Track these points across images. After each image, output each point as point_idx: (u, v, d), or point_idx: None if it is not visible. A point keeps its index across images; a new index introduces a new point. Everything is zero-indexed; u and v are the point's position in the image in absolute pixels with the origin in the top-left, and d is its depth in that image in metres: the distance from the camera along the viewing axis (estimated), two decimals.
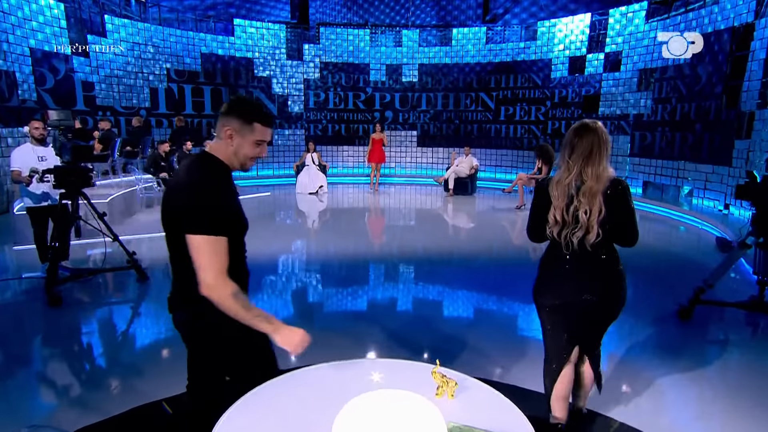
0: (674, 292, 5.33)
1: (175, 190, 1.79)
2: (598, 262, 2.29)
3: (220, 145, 1.85)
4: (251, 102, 1.88)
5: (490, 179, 14.30)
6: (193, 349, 1.92)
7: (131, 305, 4.94)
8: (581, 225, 2.21)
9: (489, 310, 4.92)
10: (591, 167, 2.19)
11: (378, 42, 15.04)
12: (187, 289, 1.75)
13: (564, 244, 2.27)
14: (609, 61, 12.06)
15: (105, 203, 7.57)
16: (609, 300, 2.33)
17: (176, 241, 1.75)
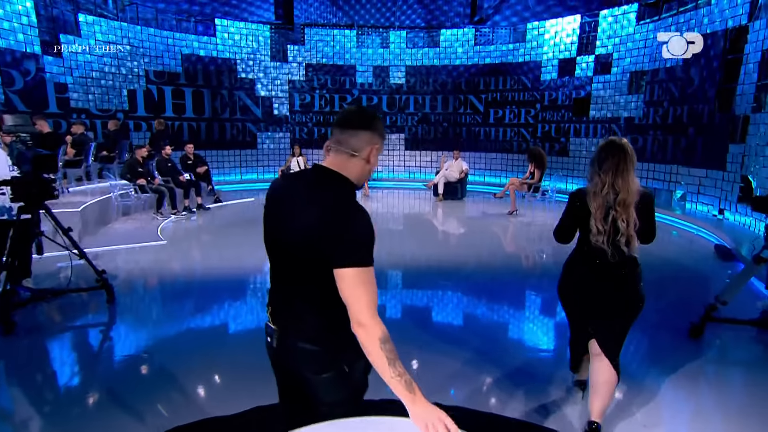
0: (679, 305, 5.10)
1: (315, 217, 1.54)
2: (625, 262, 2.59)
3: (355, 164, 1.62)
4: (378, 115, 1.64)
5: (480, 183, 14.05)
6: (317, 393, 1.67)
7: (99, 330, 4.48)
8: (622, 233, 2.50)
9: (481, 322, 4.60)
10: (621, 180, 2.48)
11: (364, 43, 14.70)
12: (329, 323, 1.60)
13: (602, 248, 2.54)
14: (599, 63, 11.87)
15: (77, 212, 7.11)
16: (632, 298, 2.63)
17: (308, 272, 1.57)
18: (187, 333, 4.33)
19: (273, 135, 14.36)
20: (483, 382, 3.42)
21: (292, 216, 1.58)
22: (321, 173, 1.61)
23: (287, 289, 1.66)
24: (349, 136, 1.59)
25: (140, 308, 5.02)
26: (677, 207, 10.11)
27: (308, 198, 1.58)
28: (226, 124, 13.69)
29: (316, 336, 1.61)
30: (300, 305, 1.62)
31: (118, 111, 11.53)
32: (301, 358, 1.62)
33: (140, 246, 6.84)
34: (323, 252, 1.49)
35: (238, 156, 13.96)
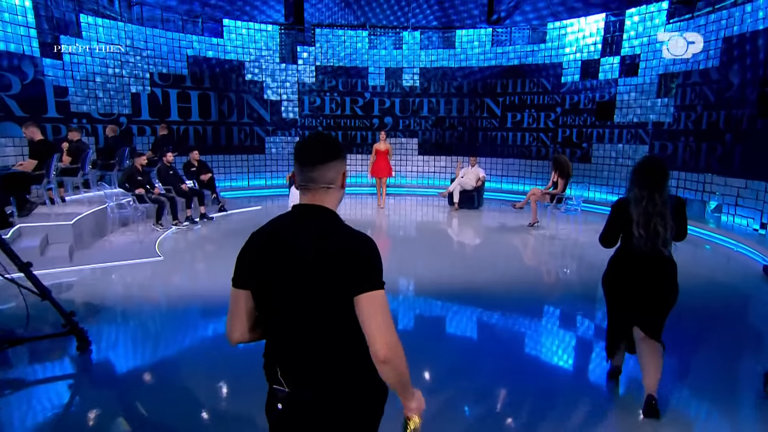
0: (741, 343, 4.50)
1: (324, 261, 1.46)
2: (663, 260, 3.06)
3: (333, 194, 1.60)
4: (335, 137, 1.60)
5: (496, 190, 13.43)
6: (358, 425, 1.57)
7: (67, 386, 3.60)
8: (663, 237, 2.97)
9: (499, 348, 4.00)
10: (657, 193, 2.95)
11: (377, 44, 14.16)
12: (350, 364, 1.52)
13: (643, 249, 3.01)
14: (625, 65, 11.20)
15: (70, 225, 6.65)
16: (670, 288, 3.10)
17: (337, 314, 1.48)
18: (182, 394, 3.34)
19: (282, 139, 13.87)
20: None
21: (304, 263, 1.46)
22: (310, 215, 1.55)
23: (301, 337, 1.52)
24: (322, 171, 1.54)
25: (120, 355, 4.09)
26: (711, 219, 9.42)
27: (315, 244, 1.48)
28: (234, 128, 13.22)
29: (342, 376, 1.52)
30: (323, 348, 1.51)
31: (121, 115, 11.10)
32: (331, 404, 1.52)
33: (135, 263, 6.34)
34: (345, 284, 1.44)
35: (245, 161, 13.49)
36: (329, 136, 1.65)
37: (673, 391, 3.49)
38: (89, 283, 5.75)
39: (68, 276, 5.86)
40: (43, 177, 6.89)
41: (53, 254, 6.09)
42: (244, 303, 1.57)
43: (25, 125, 6.90)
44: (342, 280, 1.44)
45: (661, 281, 3.08)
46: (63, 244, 6.47)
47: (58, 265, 5.94)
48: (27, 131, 6.84)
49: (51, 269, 5.81)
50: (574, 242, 8.16)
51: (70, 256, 6.18)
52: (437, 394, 3.37)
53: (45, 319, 4.16)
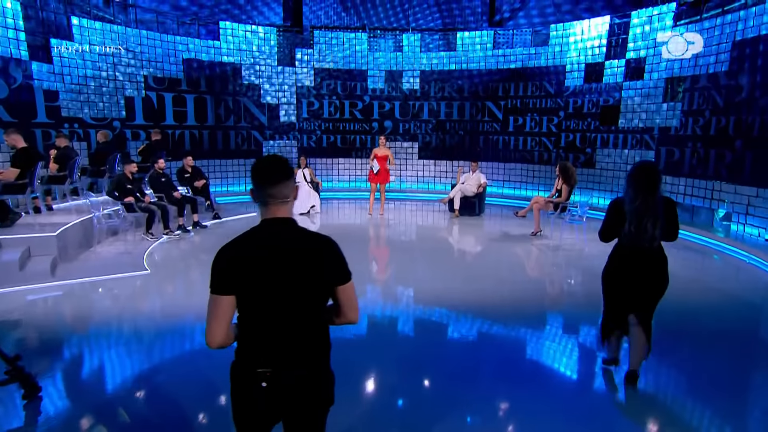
0: (748, 358, 4.18)
1: (316, 255, 1.80)
2: (658, 254, 3.40)
3: (290, 205, 1.87)
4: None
5: (498, 195, 13.09)
6: (320, 406, 1.92)
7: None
8: (652, 234, 3.29)
9: (500, 369, 3.65)
10: (650, 196, 3.26)
11: (377, 46, 13.82)
12: (324, 345, 1.90)
13: (635, 245, 3.35)
14: (630, 68, 10.85)
15: (53, 236, 6.31)
16: (661, 279, 3.43)
17: (316, 303, 1.83)
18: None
19: (280, 143, 13.54)
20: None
21: (298, 261, 1.76)
22: (288, 226, 1.82)
23: (290, 325, 1.80)
24: (280, 188, 1.79)
25: (77, 402, 3.40)
26: (720, 228, 9.06)
27: (302, 244, 1.79)
28: (230, 132, 12.90)
29: (319, 354, 1.87)
30: (306, 333, 1.83)
31: (115, 120, 10.77)
32: (311, 378, 1.84)
33: (120, 277, 6.00)
34: (332, 278, 1.83)
35: (242, 166, 13.16)
36: (282, 158, 1.86)
37: (678, 401, 3.58)
38: (65, 302, 5.39)
39: (46, 292, 5.49)
40: (27, 186, 6.55)
41: (35, 268, 5.75)
42: (228, 307, 1.73)
43: (6, 132, 6.57)
44: (325, 274, 1.81)
45: (652, 274, 3.42)
46: (46, 257, 6.14)
47: (39, 280, 5.60)
48: (9, 138, 6.50)
49: (30, 285, 5.49)
50: (578, 253, 7.81)
51: (52, 270, 5.84)
52: (435, 405, 3.03)
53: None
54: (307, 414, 1.88)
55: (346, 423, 3.06)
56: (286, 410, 1.84)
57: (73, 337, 4.55)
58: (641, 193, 3.26)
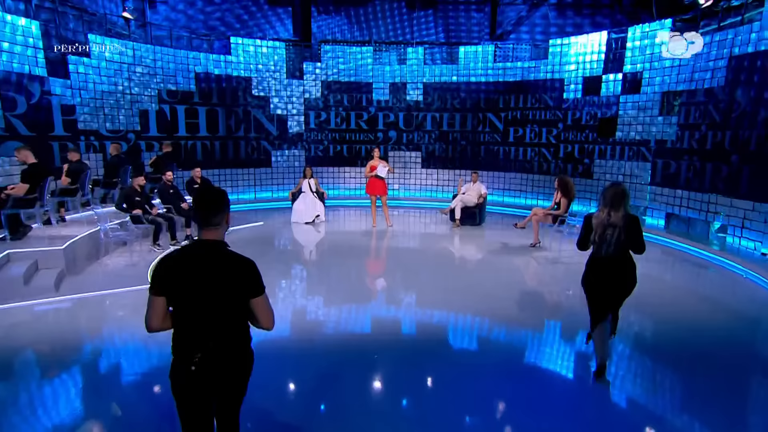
0: (745, 372, 3.88)
1: (235, 274, 2.13)
2: (621, 261, 3.73)
3: (223, 229, 2.21)
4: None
5: (498, 204, 12.80)
6: (238, 386, 2.28)
7: None
8: (609, 243, 3.66)
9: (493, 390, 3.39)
10: (614, 211, 3.65)
11: (382, 60, 13.60)
12: (245, 339, 2.25)
13: (600, 252, 3.73)
14: (627, 81, 10.51)
15: (60, 250, 6.16)
16: (628, 282, 3.79)
17: (233, 311, 2.16)
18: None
19: (288, 153, 13.37)
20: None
21: (216, 277, 2.10)
22: (214, 248, 2.16)
23: (211, 327, 2.13)
24: (211, 218, 2.15)
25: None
26: (715, 240, 8.71)
27: (222, 264, 2.13)
28: (241, 143, 12.75)
29: (240, 346, 2.24)
30: (227, 331, 2.18)
31: (130, 131, 10.66)
32: (232, 364, 2.21)
33: (122, 292, 5.82)
34: (246, 292, 2.15)
35: (252, 174, 13.00)
36: (219, 194, 2.19)
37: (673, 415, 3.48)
38: (63, 320, 5.12)
39: (47, 308, 5.28)
40: (36, 201, 6.43)
41: (40, 283, 5.60)
42: (160, 305, 2.11)
43: (17, 149, 6.43)
44: (242, 288, 2.13)
45: (618, 277, 3.75)
46: (53, 270, 6.00)
47: (43, 295, 5.43)
48: (20, 155, 6.37)
49: (34, 300, 5.33)
50: (577, 266, 7.47)
51: (57, 285, 5.68)
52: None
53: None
54: (228, 391, 2.25)
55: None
56: (211, 388, 2.19)
57: (56, 366, 4.36)
58: (606, 207, 3.67)
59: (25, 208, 6.36)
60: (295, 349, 4.52)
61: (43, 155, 8.68)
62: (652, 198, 10.11)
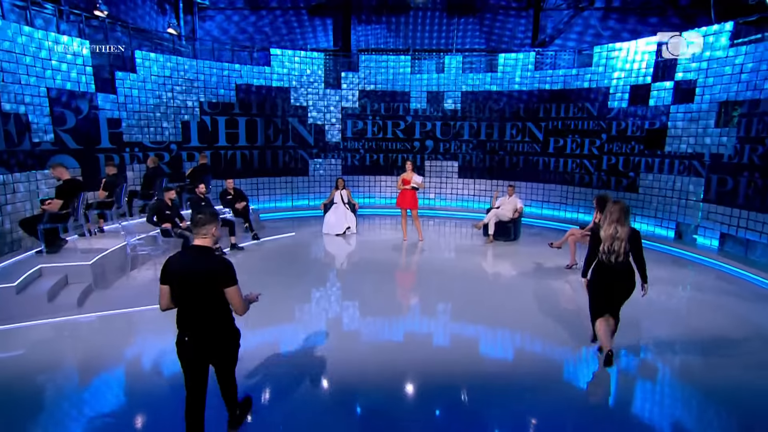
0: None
1: (214, 269, 2.87)
2: (625, 269, 4.25)
3: (213, 237, 3.02)
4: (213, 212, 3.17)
5: (537, 216, 11.99)
6: (228, 353, 3.10)
7: None
8: (618, 252, 4.18)
9: None
10: (620, 225, 4.18)
11: (419, 68, 13.08)
12: (227, 320, 3.02)
13: (608, 261, 4.23)
14: (680, 90, 9.45)
15: (88, 266, 6.12)
16: (629, 286, 4.30)
17: (213, 297, 2.90)
18: None
19: (325, 162, 13.13)
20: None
21: (199, 271, 2.85)
22: (202, 251, 2.95)
23: (199, 307, 2.91)
24: (201, 229, 2.97)
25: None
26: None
27: (205, 262, 2.89)
28: (279, 152, 12.63)
29: (223, 325, 3.01)
30: (211, 313, 2.93)
31: (172, 143, 10.75)
32: (215, 340, 2.99)
33: (143, 310, 5.70)
34: (220, 283, 2.87)
35: (290, 183, 12.87)
36: (210, 214, 3.04)
37: None
38: (80, 339, 5.09)
39: (63, 329, 5.16)
40: (69, 216, 6.44)
41: (63, 300, 5.55)
42: (166, 291, 2.93)
43: (52, 166, 6.48)
44: (218, 280, 2.87)
45: (622, 281, 4.26)
46: (81, 285, 5.97)
47: (64, 313, 5.38)
48: (54, 171, 6.40)
49: (55, 318, 5.28)
50: None
51: (80, 302, 5.62)
52: None
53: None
54: (218, 359, 3.07)
55: None
56: (205, 357, 2.98)
57: (74, 376, 4.21)
58: (613, 223, 4.20)
59: (59, 223, 6.38)
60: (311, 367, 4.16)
61: (90, 167, 8.87)
62: (705, 216, 9.04)
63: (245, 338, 3.25)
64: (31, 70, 7.84)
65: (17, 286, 5.31)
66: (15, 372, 4.30)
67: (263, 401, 3.86)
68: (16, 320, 5.13)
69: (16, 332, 5.01)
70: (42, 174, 7.79)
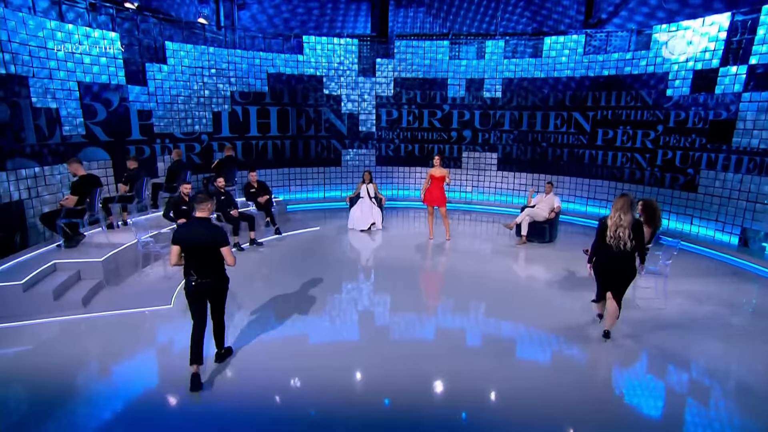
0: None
1: (213, 234, 3.93)
2: (627, 255, 4.71)
3: (206, 212, 4.02)
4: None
5: (581, 214, 11.00)
6: (221, 294, 4.18)
7: None
8: (623, 240, 4.65)
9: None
10: (623, 214, 4.65)
11: (458, 54, 12.25)
12: (221, 268, 4.07)
13: (616, 246, 4.68)
14: (754, 76, 8.13)
15: (99, 262, 6.10)
16: (631, 271, 4.80)
17: (212, 253, 3.95)
18: None
19: (358, 152, 12.71)
20: None
21: (203, 236, 3.89)
22: (204, 221, 3.98)
23: (202, 261, 3.94)
24: (200, 206, 3.99)
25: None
26: None
27: (207, 229, 3.93)
28: (311, 142, 12.34)
29: (219, 273, 4.07)
30: (211, 265, 3.98)
31: (203, 133, 10.72)
32: (213, 283, 4.04)
33: (142, 312, 5.58)
34: (218, 245, 3.93)
35: (322, 173, 12.59)
36: (208, 193, 4.17)
37: None
38: (75, 339, 5.07)
39: (64, 330, 5.10)
40: (86, 212, 6.44)
41: (69, 299, 5.52)
42: (177, 250, 3.92)
43: (69, 161, 6.48)
44: (215, 241, 3.91)
45: (625, 266, 4.75)
46: (92, 281, 5.96)
47: (69, 311, 5.36)
48: (71, 167, 6.40)
49: (60, 317, 5.26)
50: (655, 313, 5.87)
51: (85, 302, 5.57)
52: None
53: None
54: (215, 296, 4.14)
55: None
56: (206, 294, 4.06)
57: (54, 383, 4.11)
58: (618, 211, 4.67)
59: (75, 218, 6.40)
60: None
61: (120, 159, 8.95)
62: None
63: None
64: (61, 64, 7.93)
65: (24, 284, 5.32)
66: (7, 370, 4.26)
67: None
68: (22, 318, 5.15)
69: (21, 330, 5.03)
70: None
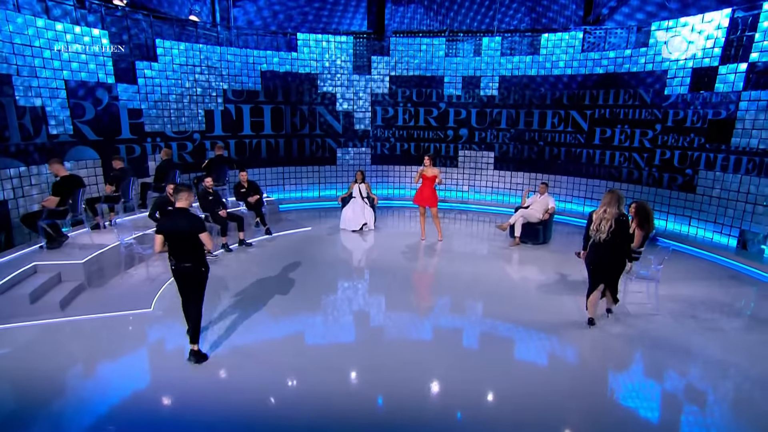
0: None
1: (192, 222, 4.28)
2: (612, 246, 4.93)
3: (188, 201, 4.40)
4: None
5: (578, 214, 10.79)
6: (200, 279, 4.42)
7: None
8: (602, 231, 4.92)
9: None
10: (609, 207, 4.92)
11: (455, 51, 12.05)
12: (201, 254, 4.37)
13: (597, 239, 4.97)
14: (754, 74, 7.90)
15: (81, 264, 5.99)
16: (619, 262, 5.06)
17: (192, 239, 4.27)
18: None
19: (354, 150, 12.56)
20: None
21: (184, 225, 4.23)
22: (184, 211, 4.33)
23: (182, 246, 4.26)
24: (180, 197, 4.36)
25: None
26: None
27: (187, 218, 4.27)
28: (306, 140, 12.20)
29: (197, 258, 4.35)
30: (189, 249, 4.29)
31: (195, 132, 10.59)
32: (193, 267, 4.32)
33: (121, 315, 5.47)
34: (197, 231, 4.27)
35: (317, 172, 12.44)
36: (187, 186, 4.51)
37: None
38: (28, 358, 4.94)
39: (41, 334, 4.99)
40: (68, 212, 6.33)
41: (46, 302, 5.41)
42: (160, 239, 4.27)
43: (50, 162, 6.37)
44: (194, 228, 4.26)
45: (613, 256, 5.01)
46: (72, 283, 5.86)
47: (46, 315, 5.24)
48: (51, 167, 6.29)
49: (35, 321, 5.15)
50: (645, 320, 5.68)
51: (63, 304, 5.46)
52: None
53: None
54: (194, 281, 4.39)
55: None
56: (186, 277, 4.35)
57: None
58: (604, 205, 4.96)
59: (57, 219, 6.29)
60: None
61: (110, 158, 8.82)
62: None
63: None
64: (47, 62, 7.81)
65: (0, 287, 5.22)
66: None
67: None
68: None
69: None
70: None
